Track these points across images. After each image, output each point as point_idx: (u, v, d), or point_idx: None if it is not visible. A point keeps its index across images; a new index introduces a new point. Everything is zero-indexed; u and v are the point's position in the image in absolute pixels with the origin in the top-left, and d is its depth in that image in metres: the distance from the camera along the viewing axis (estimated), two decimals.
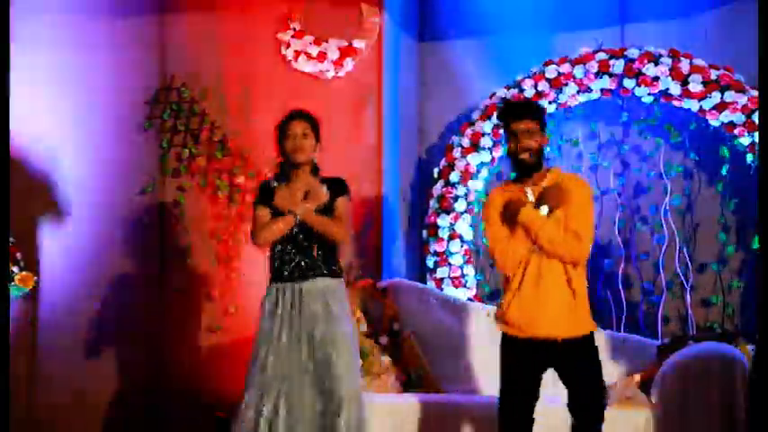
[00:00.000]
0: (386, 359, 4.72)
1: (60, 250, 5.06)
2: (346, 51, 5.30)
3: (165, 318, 5.42)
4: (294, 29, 5.37)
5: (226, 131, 5.44)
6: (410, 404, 4.38)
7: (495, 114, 3.79)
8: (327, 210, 3.68)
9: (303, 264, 3.63)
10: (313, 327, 3.57)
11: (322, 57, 5.30)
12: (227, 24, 5.45)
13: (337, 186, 3.74)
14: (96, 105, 5.22)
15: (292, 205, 3.62)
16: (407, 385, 4.65)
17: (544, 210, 3.42)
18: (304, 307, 3.58)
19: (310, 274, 3.63)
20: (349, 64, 5.32)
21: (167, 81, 5.51)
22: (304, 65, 5.34)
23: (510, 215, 3.44)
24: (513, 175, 3.67)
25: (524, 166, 3.50)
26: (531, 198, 3.47)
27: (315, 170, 3.77)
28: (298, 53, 5.34)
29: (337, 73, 5.33)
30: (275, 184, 3.73)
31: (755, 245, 4.98)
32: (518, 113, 3.48)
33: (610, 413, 3.59)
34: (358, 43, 5.31)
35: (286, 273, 3.65)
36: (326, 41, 5.32)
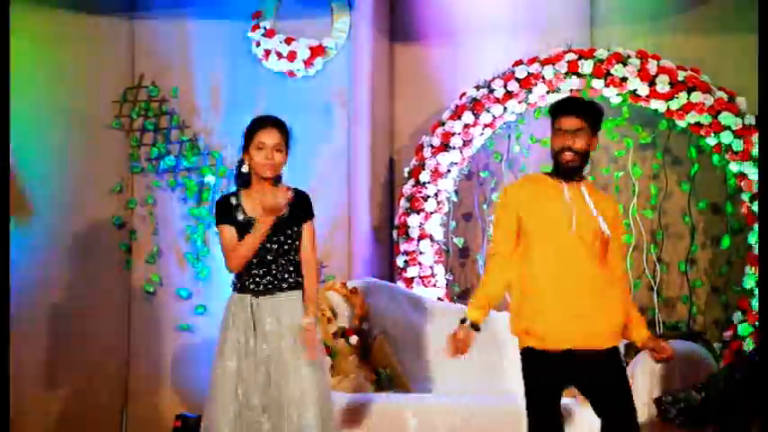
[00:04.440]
0: (355, 359, 4.72)
1: (27, 249, 5.01)
2: (317, 51, 5.30)
3: (133, 318, 5.39)
4: (265, 28, 5.35)
5: (196, 130, 5.42)
6: (379, 404, 4.38)
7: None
8: (293, 232, 3.45)
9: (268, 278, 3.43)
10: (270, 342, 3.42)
11: (292, 56, 5.29)
12: (197, 23, 5.42)
13: (304, 208, 3.48)
14: (64, 103, 5.18)
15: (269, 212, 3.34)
16: (377, 385, 4.65)
17: None
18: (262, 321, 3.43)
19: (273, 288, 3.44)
20: (319, 63, 5.31)
21: (136, 80, 5.47)
22: (274, 64, 5.33)
23: None
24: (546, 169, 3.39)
25: (563, 169, 3.18)
26: (567, 196, 3.20)
27: (277, 181, 3.50)
28: (268, 52, 5.33)
29: (308, 72, 5.32)
30: (234, 201, 3.45)
31: (725, 245, 5.04)
32: (567, 109, 3.19)
33: (575, 410, 3.60)
34: (328, 43, 5.31)
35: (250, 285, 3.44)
36: (297, 41, 5.31)
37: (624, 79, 4.99)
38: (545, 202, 3.21)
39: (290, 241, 3.45)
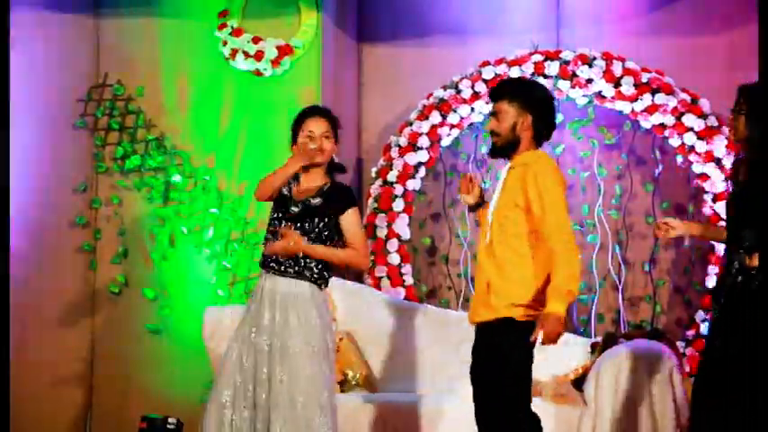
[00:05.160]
0: None
1: None
2: (284, 50, 5.28)
3: (97, 318, 5.34)
4: (232, 27, 5.33)
5: (162, 130, 5.38)
6: (347, 404, 4.38)
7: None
8: (324, 223, 3.39)
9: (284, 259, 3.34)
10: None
11: (260, 55, 5.27)
12: (163, 21, 5.38)
13: (341, 199, 3.43)
14: (26, 102, 5.10)
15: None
16: (344, 385, 4.65)
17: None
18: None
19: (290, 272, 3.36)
20: (287, 63, 5.30)
21: (101, 78, 5.42)
22: (242, 63, 5.31)
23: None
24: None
25: (492, 149, 3.36)
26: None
27: (332, 170, 3.52)
28: (235, 51, 5.30)
29: (275, 72, 5.31)
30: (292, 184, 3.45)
31: (687, 244, 5.12)
32: (491, 95, 3.39)
33: (544, 409, 3.64)
34: (296, 42, 5.30)
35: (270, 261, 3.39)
36: (264, 40, 5.29)
37: (590, 80, 5.05)
38: None
39: (315, 231, 3.38)
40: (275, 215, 3.44)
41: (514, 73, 5.12)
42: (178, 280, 5.26)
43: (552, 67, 5.08)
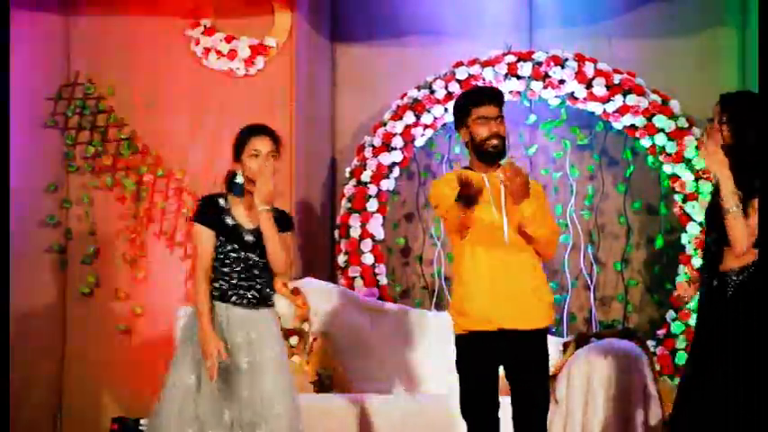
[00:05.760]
0: (296, 359, 4.70)
1: None
2: (257, 49, 5.26)
3: (68, 319, 5.29)
4: (204, 26, 5.30)
5: (134, 129, 5.33)
6: (320, 404, 4.37)
7: (455, 101, 3.50)
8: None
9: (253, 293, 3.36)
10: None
11: (233, 54, 5.24)
12: (134, 19, 5.33)
13: (285, 220, 3.42)
14: None
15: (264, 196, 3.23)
16: (317, 385, 4.64)
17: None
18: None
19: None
20: (260, 62, 5.28)
21: (72, 77, 5.37)
22: (214, 62, 5.28)
23: (469, 197, 3.19)
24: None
25: (494, 154, 3.28)
26: (488, 184, 3.27)
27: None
28: (208, 50, 5.28)
29: (248, 71, 5.29)
30: (223, 203, 3.37)
31: (658, 245, 5.17)
32: (486, 98, 3.32)
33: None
34: (269, 41, 5.28)
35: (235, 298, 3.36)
36: (237, 39, 5.26)
37: (562, 81, 5.08)
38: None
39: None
40: (228, 247, 3.34)
41: (488, 74, 5.15)
42: (150, 280, 5.22)
43: (525, 68, 5.11)
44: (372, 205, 5.22)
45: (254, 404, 3.28)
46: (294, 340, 4.80)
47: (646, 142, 5.05)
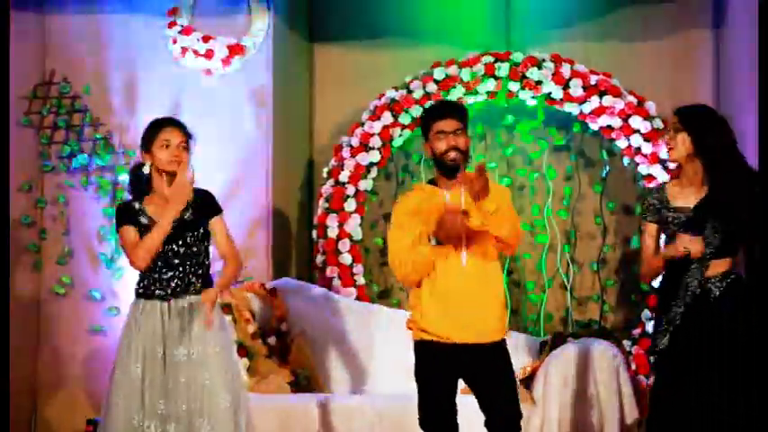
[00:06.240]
0: (273, 360, 4.69)
1: None
2: (235, 49, 5.24)
3: (42, 320, 5.24)
4: (181, 25, 5.27)
5: (110, 128, 5.30)
6: (298, 405, 4.36)
7: (420, 115, 3.55)
8: (198, 233, 3.38)
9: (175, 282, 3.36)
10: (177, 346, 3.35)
11: (210, 54, 5.22)
12: (110, 18, 5.30)
13: (208, 204, 3.41)
14: None
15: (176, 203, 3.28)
16: (295, 386, 4.63)
17: (433, 241, 3.26)
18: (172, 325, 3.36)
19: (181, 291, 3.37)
20: (237, 62, 5.26)
21: (47, 76, 5.33)
22: (191, 62, 5.25)
23: (449, 230, 3.23)
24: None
25: (453, 167, 3.30)
26: (448, 199, 3.31)
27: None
28: (185, 50, 5.25)
29: (226, 71, 5.27)
30: (137, 205, 3.38)
31: (634, 244, 5.20)
32: (445, 112, 3.36)
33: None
34: (247, 41, 5.26)
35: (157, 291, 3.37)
36: (215, 39, 5.24)
37: (539, 82, 5.11)
38: (433, 216, 3.31)
39: (196, 242, 3.39)
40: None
41: (465, 74, 5.16)
42: (125, 281, 5.19)
43: (502, 69, 5.13)
44: (350, 205, 5.22)
45: (194, 396, 3.29)
46: (272, 340, 4.78)
47: (622, 143, 5.08)
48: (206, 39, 5.24)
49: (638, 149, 5.05)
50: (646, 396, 4.01)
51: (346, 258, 5.19)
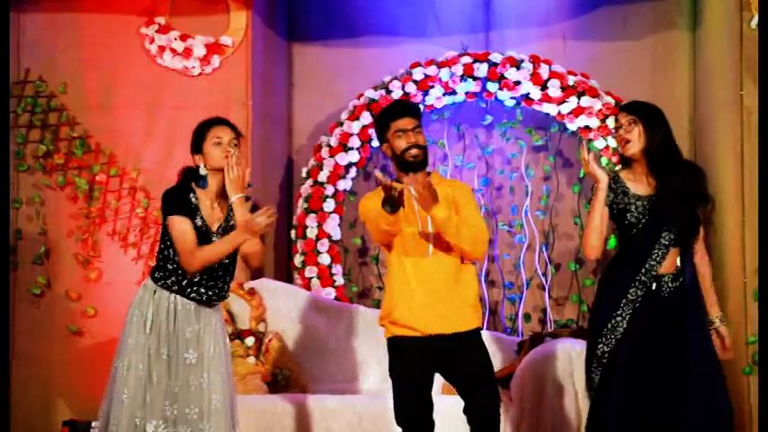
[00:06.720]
0: (252, 360, 4.68)
1: None
2: (213, 48, 5.22)
3: (18, 320, 5.19)
4: (159, 24, 5.24)
5: (86, 128, 5.26)
6: (276, 405, 4.35)
7: (375, 118, 3.61)
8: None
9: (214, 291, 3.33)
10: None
11: (188, 53, 5.20)
12: (87, 16, 5.26)
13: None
14: None
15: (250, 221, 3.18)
16: (273, 386, 4.62)
17: (387, 208, 3.25)
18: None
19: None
20: (216, 61, 5.23)
21: (22, 74, 5.27)
22: (169, 61, 5.22)
23: (393, 200, 3.22)
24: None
25: (415, 164, 3.36)
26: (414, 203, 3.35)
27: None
28: (162, 48, 5.22)
29: (204, 70, 5.24)
30: (194, 200, 3.29)
31: (611, 245, 5.22)
32: (402, 111, 3.42)
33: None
34: (225, 40, 5.24)
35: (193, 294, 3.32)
36: (193, 38, 5.22)
37: (518, 83, 5.12)
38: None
39: (234, 253, 3.35)
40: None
41: (444, 74, 5.17)
42: (102, 281, 5.15)
43: (481, 69, 5.14)
44: (329, 205, 5.21)
45: (199, 399, 3.26)
46: (250, 341, 4.77)
47: (599, 143, 5.11)
48: (184, 37, 5.22)
49: (616, 150, 5.07)
50: None
51: (325, 259, 5.18)
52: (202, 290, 3.31)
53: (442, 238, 3.32)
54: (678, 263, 3.28)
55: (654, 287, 3.26)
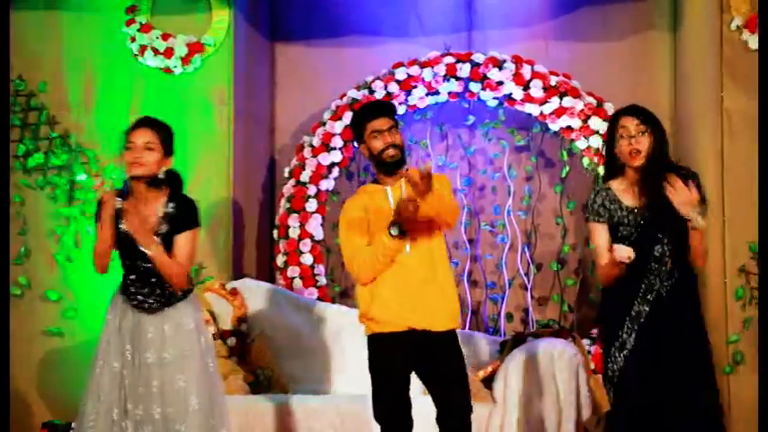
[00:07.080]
0: (233, 360, 4.66)
1: None
2: (195, 47, 5.20)
3: None
4: (140, 23, 5.21)
5: (66, 127, 5.22)
6: (258, 405, 4.34)
7: (350, 120, 3.62)
8: (166, 242, 3.28)
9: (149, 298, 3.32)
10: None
11: (170, 52, 5.17)
12: (67, 15, 5.22)
13: (186, 217, 3.33)
14: None
15: (144, 238, 3.21)
16: (255, 386, 4.60)
17: (393, 231, 3.29)
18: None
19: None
20: (198, 60, 5.21)
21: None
22: (151, 60, 5.20)
23: (406, 215, 3.23)
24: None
25: (392, 163, 3.38)
26: (390, 195, 3.38)
27: (155, 184, 3.30)
28: (144, 48, 5.19)
29: (186, 69, 5.22)
30: (119, 204, 3.27)
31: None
32: (377, 112, 3.42)
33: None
34: (207, 40, 5.22)
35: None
36: (174, 37, 5.19)
37: (500, 83, 5.13)
38: (380, 213, 3.37)
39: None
40: (128, 262, 3.33)
41: (427, 74, 5.17)
42: (83, 282, 5.12)
43: (464, 69, 5.15)
44: (311, 205, 5.20)
45: (169, 401, 3.25)
46: (231, 341, 4.75)
47: (581, 144, 5.13)
48: (165, 37, 5.19)
49: (598, 150, 5.10)
50: (603, 395, 4.04)
51: (307, 259, 5.17)
52: (140, 298, 3.29)
53: (419, 232, 3.33)
54: (671, 264, 3.24)
55: (654, 297, 3.22)
